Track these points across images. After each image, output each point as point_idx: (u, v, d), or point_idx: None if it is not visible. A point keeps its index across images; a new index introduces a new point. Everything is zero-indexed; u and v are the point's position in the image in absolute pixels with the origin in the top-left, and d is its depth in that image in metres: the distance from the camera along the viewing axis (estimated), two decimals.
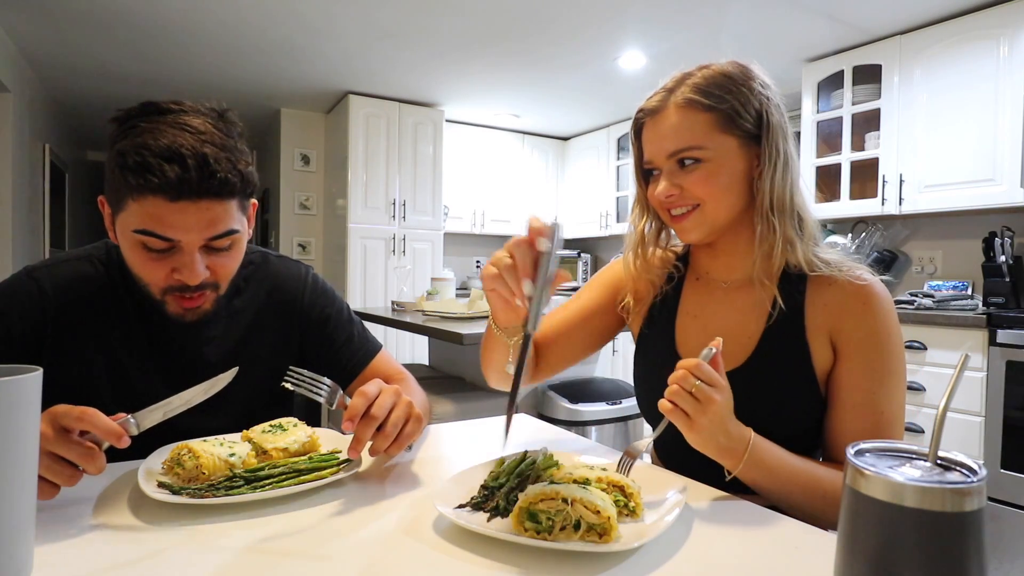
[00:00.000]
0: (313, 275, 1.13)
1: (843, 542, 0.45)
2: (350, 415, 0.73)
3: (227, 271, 0.90)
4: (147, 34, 3.17)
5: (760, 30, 3.03)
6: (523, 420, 1.16)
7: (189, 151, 0.77)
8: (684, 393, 0.71)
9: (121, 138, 0.80)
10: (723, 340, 0.92)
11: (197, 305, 0.88)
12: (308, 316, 1.08)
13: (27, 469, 0.53)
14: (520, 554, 0.59)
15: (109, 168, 0.82)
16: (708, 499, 0.76)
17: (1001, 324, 2.39)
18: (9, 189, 3.40)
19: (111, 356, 0.93)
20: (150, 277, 0.85)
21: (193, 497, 0.67)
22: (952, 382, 0.44)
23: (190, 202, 0.79)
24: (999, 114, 2.63)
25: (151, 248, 0.82)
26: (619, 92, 4.06)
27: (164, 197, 0.78)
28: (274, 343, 1.05)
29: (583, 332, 1.06)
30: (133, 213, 0.80)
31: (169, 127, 0.79)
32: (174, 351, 0.97)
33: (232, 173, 0.82)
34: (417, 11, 2.88)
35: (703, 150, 0.84)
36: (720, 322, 0.93)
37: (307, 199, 4.70)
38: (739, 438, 0.74)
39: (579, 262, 5.21)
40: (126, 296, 0.94)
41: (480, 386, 2.39)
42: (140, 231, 0.80)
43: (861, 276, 0.86)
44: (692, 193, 0.86)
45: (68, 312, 0.90)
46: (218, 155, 0.80)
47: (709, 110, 0.84)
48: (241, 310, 1.03)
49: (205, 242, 0.83)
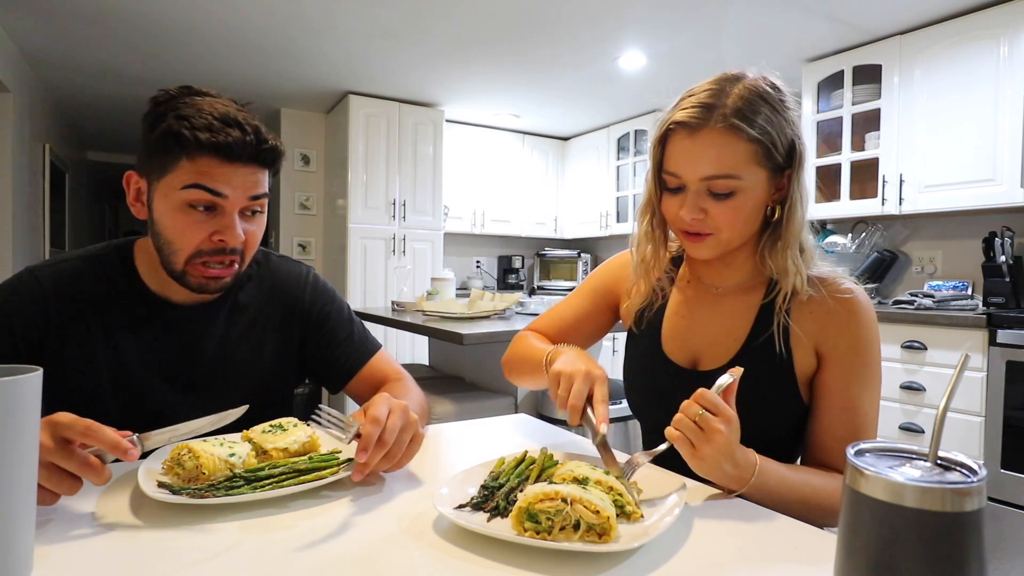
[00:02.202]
0: (314, 275, 1.14)
1: (843, 542, 0.45)
2: (364, 446, 0.72)
3: (255, 239, 0.96)
4: (147, 34, 3.17)
5: (760, 30, 3.03)
6: (523, 420, 1.16)
7: (246, 121, 0.87)
8: (689, 422, 0.71)
9: (170, 110, 0.86)
10: (708, 342, 0.93)
11: (221, 276, 0.92)
12: (309, 314, 1.09)
13: (27, 469, 0.53)
14: (520, 554, 0.59)
15: (157, 136, 0.86)
16: (708, 499, 0.76)
17: (1001, 324, 2.39)
18: (9, 189, 3.40)
19: (113, 351, 0.94)
20: (188, 240, 0.88)
21: (193, 497, 0.67)
22: (952, 382, 0.44)
23: (242, 164, 0.87)
24: (999, 114, 2.63)
25: (195, 206, 0.87)
26: (619, 92, 4.06)
27: (221, 157, 0.85)
28: (275, 340, 1.06)
29: (579, 335, 1.11)
30: (185, 171, 0.85)
31: (219, 103, 0.88)
32: (176, 346, 0.97)
33: (279, 144, 0.92)
34: (417, 11, 2.88)
35: (739, 180, 0.82)
36: (707, 325, 0.95)
37: (307, 199, 4.70)
38: (745, 465, 0.74)
39: (579, 262, 5.21)
40: (130, 291, 0.96)
41: (480, 386, 2.39)
42: (191, 185, 0.85)
43: (846, 287, 0.88)
44: (717, 222, 0.85)
45: (69, 307, 0.92)
46: (266, 128, 0.91)
47: (751, 141, 0.81)
48: (245, 305, 1.04)
49: (246, 202, 0.90)
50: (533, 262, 5.45)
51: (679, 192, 0.87)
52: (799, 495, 0.78)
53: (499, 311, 2.43)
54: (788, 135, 0.84)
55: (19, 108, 3.51)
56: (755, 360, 0.88)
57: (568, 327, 1.11)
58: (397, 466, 0.78)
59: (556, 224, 5.38)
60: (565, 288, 5.06)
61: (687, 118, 0.82)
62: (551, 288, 5.10)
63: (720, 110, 0.81)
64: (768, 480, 0.75)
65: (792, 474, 0.79)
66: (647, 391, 1.00)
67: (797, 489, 0.78)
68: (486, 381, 2.39)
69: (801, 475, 0.80)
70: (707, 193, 0.84)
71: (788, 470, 0.79)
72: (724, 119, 0.81)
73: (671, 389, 0.94)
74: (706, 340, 0.94)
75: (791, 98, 0.86)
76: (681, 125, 0.83)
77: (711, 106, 0.82)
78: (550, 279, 5.29)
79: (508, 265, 5.32)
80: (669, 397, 0.93)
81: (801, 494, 0.78)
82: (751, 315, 0.91)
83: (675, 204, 0.87)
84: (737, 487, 0.74)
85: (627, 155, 4.75)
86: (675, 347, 0.97)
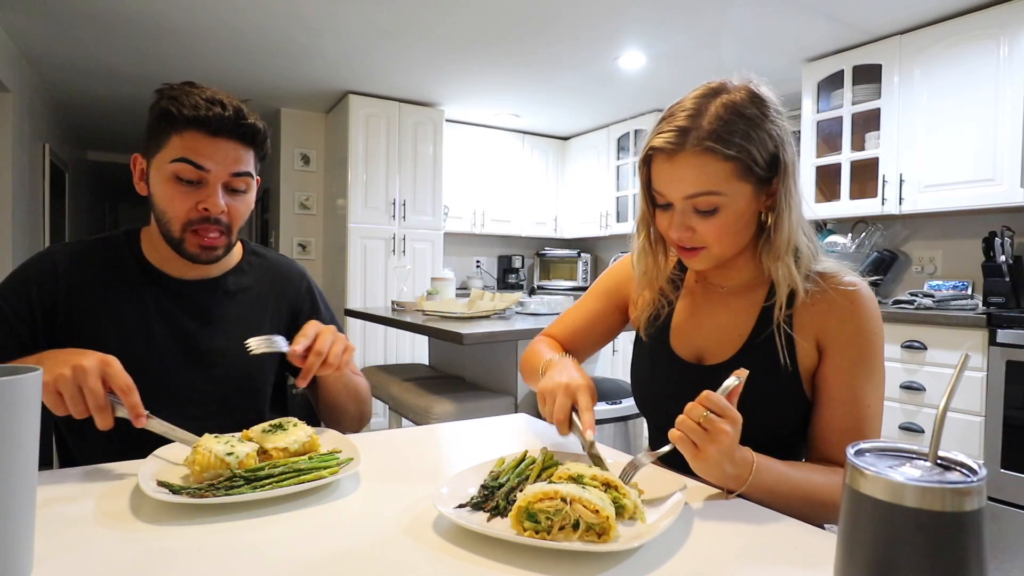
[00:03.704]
0: (307, 274, 1.27)
1: (843, 542, 0.45)
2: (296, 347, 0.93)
3: (239, 214, 1.04)
4: (148, 33, 3.17)
5: (760, 30, 3.03)
6: (523, 420, 1.16)
7: (228, 101, 0.99)
8: (693, 424, 0.71)
9: (166, 96, 0.98)
10: (713, 338, 0.95)
11: (213, 244, 1.01)
12: (302, 304, 1.21)
13: (27, 469, 0.53)
14: (519, 554, 0.59)
15: (153, 117, 0.99)
16: (708, 499, 0.76)
17: (1001, 324, 2.39)
18: (9, 189, 3.40)
19: (118, 319, 1.03)
20: (177, 209, 0.98)
21: (193, 497, 0.67)
22: (952, 382, 0.44)
23: (224, 139, 0.98)
24: (999, 114, 2.63)
25: (182, 179, 0.97)
26: (619, 92, 4.06)
27: (205, 131, 0.96)
28: (271, 324, 1.15)
29: (590, 338, 1.15)
30: (174, 147, 0.97)
31: (210, 90, 1.00)
32: (178, 317, 1.06)
33: (259, 123, 1.02)
34: (417, 11, 2.88)
35: (721, 196, 0.84)
36: (712, 321, 0.97)
37: (307, 199, 4.70)
38: (743, 464, 0.74)
39: (579, 262, 5.21)
40: (134, 265, 1.06)
41: (480, 386, 2.39)
42: (178, 159, 0.96)
43: (849, 280, 0.89)
44: (705, 238, 0.87)
45: (77, 278, 1.03)
46: (249, 109, 1.02)
47: (728, 159, 0.82)
48: (246, 288, 1.14)
49: (228, 178, 1.00)
50: (533, 262, 5.45)
51: (668, 209, 0.89)
52: (800, 492, 0.78)
53: (499, 311, 2.43)
54: (769, 148, 0.84)
55: (19, 108, 3.51)
56: (759, 353, 0.90)
57: (579, 331, 1.15)
58: (339, 370, 0.96)
59: (556, 224, 5.38)
60: (565, 288, 5.06)
61: (663, 144, 0.84)
62: (551, 288, 5.10)
63: (695, 133, 0.82)
64: (767, 478, 0.75)
65: (792, 471, 0.79)
66: (654, 387, 1.02)
67: (798, 486, 0.78)
68: (486, 381, 2.39)
69: (802, 472, 0.80)
70: (692, 211, 0.86)
71: (788, 467, 0.79)
72: (699, 142, 0.82)
73: (677, 384, 0.97)
74: (711, 336, 0.96)
75: (775, 108, 0.86)
76: (659, 150, 0.85)
77: (686, 130, 0.83)
78: (550, 279, 5.29)
79: (508, 265, 5.31)
80: (675, 392, 0.94)
81: (802, 491, 0.78)
82: (755, 312, 0.93)
83: (665, 220, 0.90)
84: (735, 486, 0.75)
85: (627, 155, 4.74)
86: (681, 343, 0.99)
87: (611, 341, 1.18)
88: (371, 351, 4.17)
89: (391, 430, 1.10)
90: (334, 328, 0.98)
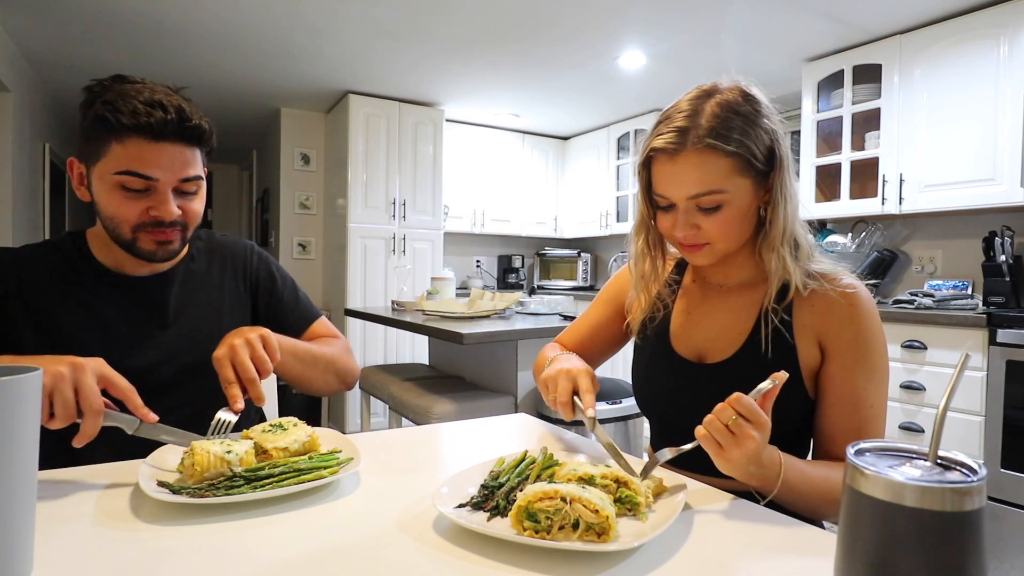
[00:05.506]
0: (257, 246, 1.26)
1: (843, 542, 0.45)
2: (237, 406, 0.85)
3: (194, 213, 1.02)
4: (147, 33, 3.17)
5: (760, 30, 3.03)
6: (523, 420, 1.16)
7: (168, 103, 0.93)
8: (720, 425, 0.70)
9: (101, 98, 0.93)
10: (713, 337, 0.95)
11: (168, 240, 0.99)
12: (258, 276, 1.20)
13: (27, 469, 0.53)
14: (519, 554, 0.59)
15: (89, 122, 0.94)
16: (708, 499, 0.76)
17: (1001, 324, 2.38)
18: (9, 189, 3.40)
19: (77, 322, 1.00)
20: (125, 215, 0.95)
21: (193, 497, 0.67)
22: (952, 382, 0.44)
23: (169, 143, 0.94)
24: (999, 114, 2.63)
25: (129, 188, 0.94)
26: (619, 92, 4.06)
27: (148, 137, 0.92)
28: (231, 305, 1.15)
29: (597, 345, 1.17)
30: (116, 157, 0.92)
31: (146, 88, 0.95)
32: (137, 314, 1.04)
33: (203, 122, 0.98)
34: (417, 11, 2.88)
35: (724, 193, 0.85)
36: (712, 320, 0.98)
37: (307, 199, 4.70)
38: (771, 465, 0.74)
39: (579, 262, 5.21)
40: (86, 268, 1.04)
41: (480, 385, 2.39)
42: (122, 172, 0.92)
43: (847, 282, 0.90)
44: (709, 234, 0.88)
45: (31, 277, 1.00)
46: (191, 108, 0.97)
47: (729, 155, 0.84)
48: (197, 273, 1.13)
49: (177, 183, 0.96)
50: (533, 262, 5.45)
51: (671, 210, 0.90)
52: (820, 491, 0.78)
53: (499, 311, 2.43)
54: (765, 142, 0.86)
55: (19, 108, 3.51)
56: (759, 352, 0.90)
57: (585, 338, 1.17)
58: (265, 374, 0.88)
59: (556, 223, 5.38)
60: (565, 288, 5.06)
61: (664, 144, 0.86)
62: (551, 288, 5.09)
63: (695, 132, 0.84)
64: (790, 477, 0.75)
65: (811, 469, 0.79)
66: (655, 386, 1.02)
67: (819, 484, 0.78)
68: (486, 381, 2.39)
69: (820, 469, 0.80)
70: (696, 209, 0.87)
71: (807, 466, 0.80)
72: (700, 140, 0.84)
73: (678, 383, 0.97)
74: (712, 334, 0.96)
75: (766, 105, 0.89)
76: (660, 151, 0.87)
77: (686, 129, 0.85)
78: (550, 279, 5.28)
79: (508, 265, 5.31)
80: (676, 391, 0.95)
81: (822, 490, 0.78)
82: (755, 310, 0.93)
83: (668, 221, 0.91)
84: (758, 484, 0.74)
85: (627, 154, 4.74)
86: (682, 342, 0.99)
87: (620, 349, 1.20)
88: (371, 351, 4.17)
89: (391, 430, 1.10)
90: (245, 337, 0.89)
